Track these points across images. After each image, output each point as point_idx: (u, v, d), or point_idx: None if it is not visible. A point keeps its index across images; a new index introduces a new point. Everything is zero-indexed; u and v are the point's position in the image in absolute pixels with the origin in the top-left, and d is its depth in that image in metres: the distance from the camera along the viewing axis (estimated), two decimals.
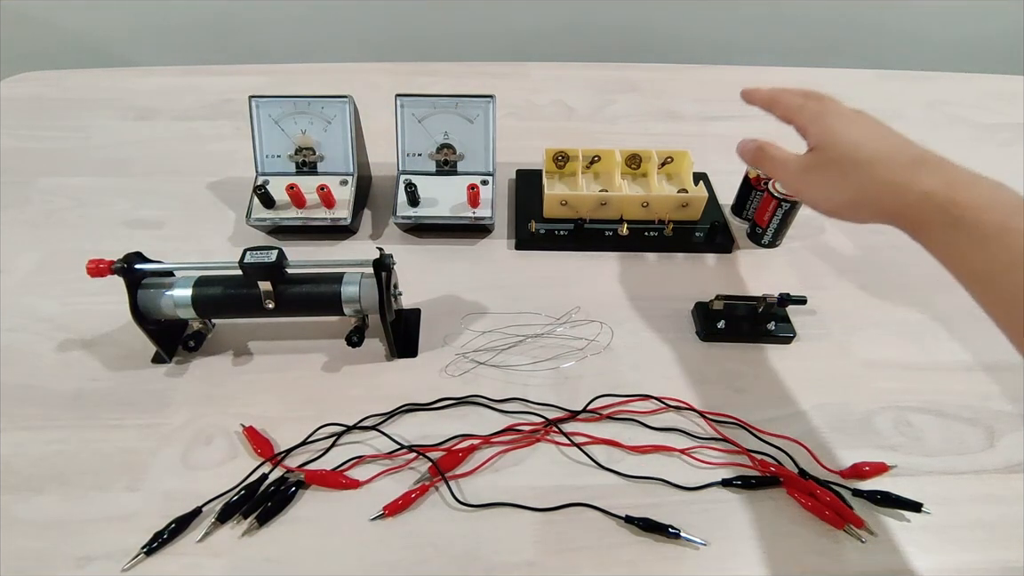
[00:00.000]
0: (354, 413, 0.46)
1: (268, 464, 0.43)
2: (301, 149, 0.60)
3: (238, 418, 0.45)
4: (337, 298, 0.47)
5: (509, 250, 0.61)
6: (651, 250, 0.61)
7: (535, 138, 0.72)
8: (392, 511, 0.40)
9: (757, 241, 0.62)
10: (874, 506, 0.42)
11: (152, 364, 0.49)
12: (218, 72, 0.86)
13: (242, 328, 0.52)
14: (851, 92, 0.85)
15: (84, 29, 0.98)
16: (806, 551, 0.40)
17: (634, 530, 0.40)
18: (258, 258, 0.44)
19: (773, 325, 0.52)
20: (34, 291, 0.55)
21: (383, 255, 0.45)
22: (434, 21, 0.99)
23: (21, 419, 0.45)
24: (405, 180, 0.59)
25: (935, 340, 0.53)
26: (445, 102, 0.59)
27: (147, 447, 0.44)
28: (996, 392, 0.49)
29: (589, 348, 0.52)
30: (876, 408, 0.48)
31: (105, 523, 0.40)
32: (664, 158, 0.65)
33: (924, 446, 0.46)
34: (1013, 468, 0.44)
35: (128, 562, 0.38)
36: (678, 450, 0.45)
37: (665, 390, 0.48)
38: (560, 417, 0.46)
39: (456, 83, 0.84)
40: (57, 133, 0.75)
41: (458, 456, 0.43)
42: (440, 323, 0.53)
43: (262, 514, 0.40)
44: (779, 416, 0.47)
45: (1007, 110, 0.84)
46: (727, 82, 0.89)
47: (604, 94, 0.84)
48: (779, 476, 0.43)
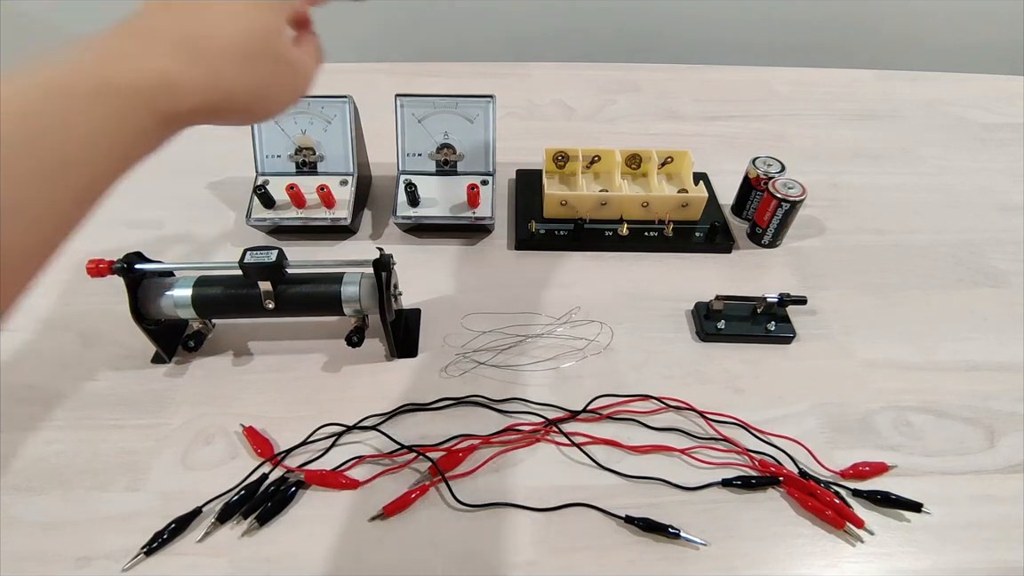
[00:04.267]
0: (354, 413, 0.46)
1: (268, 464, 0.43)
2: (301, 149, 0.60)
3: (238, 418, 0.45)
4: (337, 298, 0.47)
5: (509, 250, 0.61)
6: (651, 250, 0.61)
7: (535, 138, 0.72)
8: (392, 511, 0.40)
9: (757, 241, 0.62)
10: (874, 506, 0.42)
11: (152, 364, 0.49)
12: None
13: (242, 328, 0.52)
14: (851, 92, 0.86)
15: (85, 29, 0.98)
16: (806, 551, 0.40)
17: (634, 530, 0.40)
18: (258, 258, 0.44)
19: (773, 325, 0.52)
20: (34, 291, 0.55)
21: (383, 255, 0.45)
22: (434, 21, 0.99)
23: (21, 419, 0.45)
24: (405, 180, 0.59)
25: (935, 340, 0.53)
26: (445, 102, 0.59)
27: (147, 447, 0.44)
28: (996, 392, 0.49)
29: (589, 348, 0.52)
30: (876, 408, 0.48)
31: (105, 523, 0.40)
32: (664, 158, 0.65)
33: (924, 446, 0.46)
34: (1013, 468, 0.44)
35: (128, 562, 0.38)
36: (678, 450, 0.45)
37: (665, 390, 0.48)
38: (560, 417, 0.46)
39: (456, 83, 0.83)
40: None
41: (458, 456, 0.43)
42: (440, 323, 0.53)
43: (262, 514, 0.40)
44: (779, 416, 0.47)
45: (1007, 110, 0.84)
46: (727, 82, 0.89)
47: (604, 94, 0.84)
48: (779, 476, 0.43)
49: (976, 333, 0.54)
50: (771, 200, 0.57)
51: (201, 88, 0.25)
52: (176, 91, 0.24)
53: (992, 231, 0.64)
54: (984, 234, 0.64)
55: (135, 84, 0.23)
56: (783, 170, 0.60)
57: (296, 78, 0.29)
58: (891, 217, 0.65)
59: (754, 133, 0.77)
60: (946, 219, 0.66)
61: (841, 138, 0.77)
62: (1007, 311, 0.56)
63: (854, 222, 0.65)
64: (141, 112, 0.23)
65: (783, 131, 0.78)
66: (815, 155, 0.74)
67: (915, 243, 0.63)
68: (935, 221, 0.65)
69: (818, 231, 0.64)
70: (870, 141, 0.77)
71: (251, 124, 0.27)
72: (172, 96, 0.24)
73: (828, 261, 0.60)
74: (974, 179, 0.72)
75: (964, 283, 0.59)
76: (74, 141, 0.21)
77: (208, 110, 0.26)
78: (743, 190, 0.63)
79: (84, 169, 0.22)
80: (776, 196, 0.57)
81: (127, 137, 0.23)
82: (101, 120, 0.22)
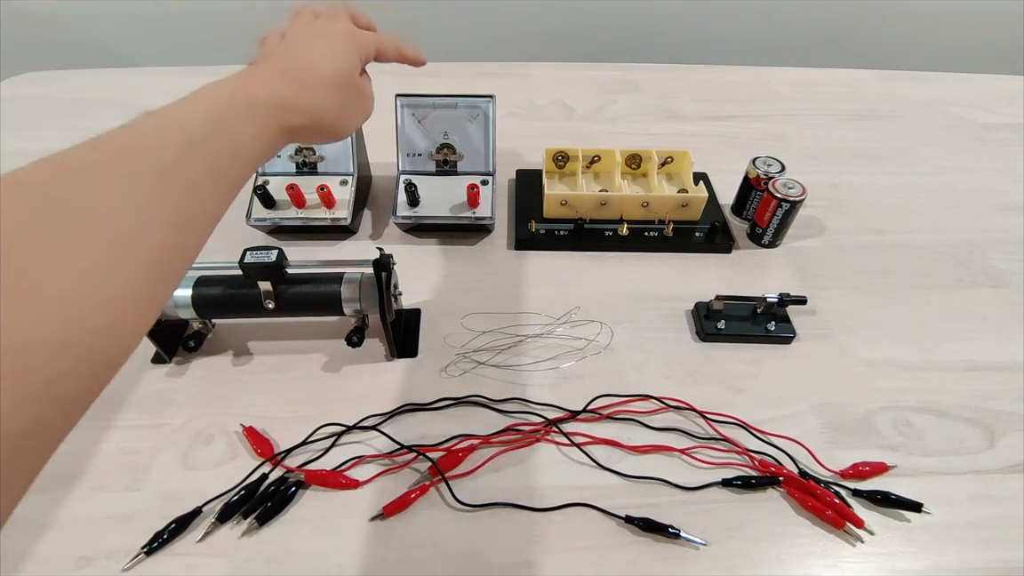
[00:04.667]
0: (354, 413, 0.46)
1: (268, 464, 0.43)
2: (301, 149, 0.60)
3: (238, 418, 0.45)
4: (337, 298, 0.47)
5: (509, 250, 0.61)
6: (651, 250, 0.61)
7: (535, 138, 0.72)
8: (392, 511, 0.40)
9: (757, 241, 0.62)
10: (874, 506, 0.42)
11: (152, 364, 0.49)
12: (218, 72, 0.85)
13: (242, 328, 0.52)
14: (851, 92, 0.86)
15: (84, 29, 0.98)
16: (806, 551, 0.40)
17: (634, 530, 0.40)
18: (258, 258, 0.44)
19: (773, 325, 0.52)
20: None
21: (383, 255, 0.45)
22: (434, 21, 0.99)
23: None
24: (405, 180, 0.59)
25: (935, 340, 0.53)
26: (445, 102, 0.59)
27: (147, 447, 0.44)
28: (996, 392, 0.49)
29: (589, 348, 0.52)
30: (876, 408, 0.48)
31: (105, 523, 0.40)
32: (664, 158, 0.65)
33: (924, 446, 0.46)
34: (1013, 468, 0.44)
35: (128, 562, 0.38)
36: (678, 450, 0.45)
37: (665, 390, 0.48)
38: (560, 417, 0.46)
39: (456, 83, 0.83)
40: (57, 133, 0.75)
41: (458, 456, 0.43)
42: (440, 323, 0.53)
43: (262, 514, 0.40)
44: (779, 416, 0.47)
45: (1007, 110, 0.84)
46: (727, 82, 0.89)
47: (604, 94, 0.84)
48: (779, 476, 0.43)
49: (976, 333, 0.54)
50: (771, 200, 0.57)
51: (306, 108, 0.33)
52: (290, 109, 0.32)
53: (992, 231, 0.64)
54: (984, 234, 0.64)
55: (267, 102, 0.31)
56: (783, 170, 0.60)
57: (365, 102, 0.39)
58: (891, 217, 0.65)
59: (754, 133, 0.77)
60: (946, 219, 0.66)
61: (841, 138, 0.77)
62: (1007, 311, 0.56)
63: (854, 222, 0.65)
64: (271, 124, 0.31)
65: (783, 131, 0.78)
66: (815, 155, 0.74)
67: (915, 243, 0.63)
68: (935, 221, 0.65)
69: (818, 231, 0.64)
70: (870, 141, 0.77)
71: (333, 141, 0.38)
72: (288, 113, 0.32)
73: (828, 261, 0.60)
74: (974, 179, 0.71)
75: (964, 283, 0.59)
76: (238, 138, 0.29)
77: (308, 127, 0.34)
78: (743, 190, 0.63)
79: (240, 159, 0.29)
80: (776, 196, 0.57)
81: (263, 138, 0.30)
82: (251, 127, 0.30)
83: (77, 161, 0.22)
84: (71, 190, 0.21)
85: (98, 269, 0.20)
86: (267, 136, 0.31)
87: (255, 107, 0.30)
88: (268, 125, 0.31)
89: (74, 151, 0.22)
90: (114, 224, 0.21)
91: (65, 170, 0.22)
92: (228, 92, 0.29)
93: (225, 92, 0.29)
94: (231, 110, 0.29)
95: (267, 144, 0.31)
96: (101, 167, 0.22)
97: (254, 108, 0.30)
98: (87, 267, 0.20)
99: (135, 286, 0.22)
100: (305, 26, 0.37)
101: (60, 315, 0.19)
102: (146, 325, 0.24)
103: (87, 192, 0.21)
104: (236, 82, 0.30)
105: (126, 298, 0.22)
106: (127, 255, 0.22)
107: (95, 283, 0.20)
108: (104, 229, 0.21)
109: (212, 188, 0.27)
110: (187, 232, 0.25)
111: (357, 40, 0.37)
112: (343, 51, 0.36)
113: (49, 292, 0.19)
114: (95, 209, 0.21)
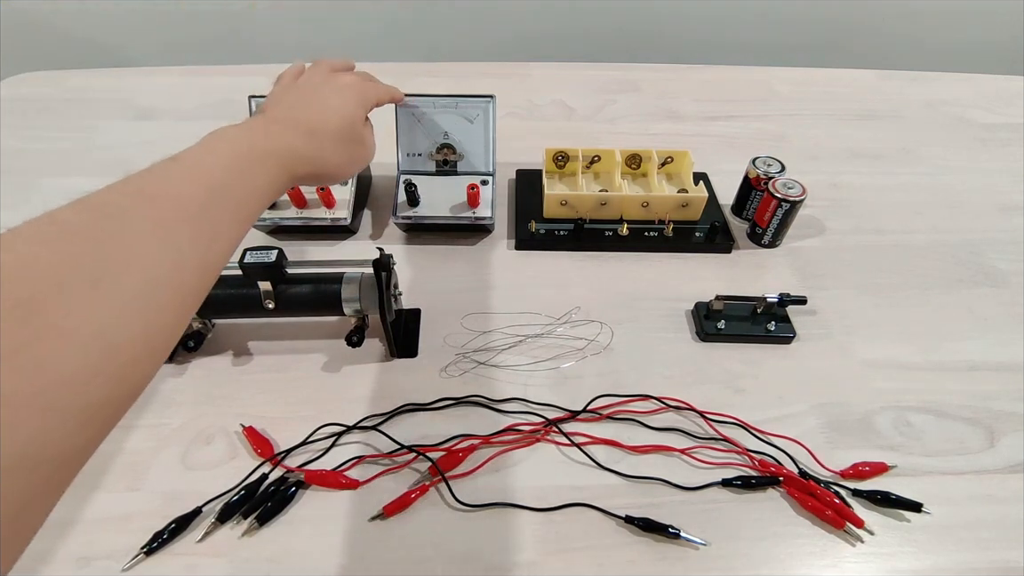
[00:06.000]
0: (354, 413, 0.46)
1: (268, 464, 0.43)
2: None
3: (238, 418, 0.45)
4: (337, 298, 0.47)
5: (509, 250, 0.61)
6: (651, 250, 0.61)
7: (535, 138, 0.72)
8: (392, 511, 0.40)
9: (757, 241, 0.62)
10: (874, 506, 0.42)
11: None
12: (218, 72, 0.85)
13: (242, 328, 0.52)
14: (851, 92, 0.86)
15: (85, 29, 0.98)
16: (806, 551, 0.40)
17: (634, 530, 0.40)
18: (258, 258, 0.44)
19: (773, 325, 0.52)
20: None
21: (383, 255, 0.45)
22: (434, 21, 0.99)
23: None
24: (405, 180, 0.59)
25: (935, 340, 0.53)
26: (445, 102, 0.59)
27: (147, 447, 0.44)
28: (996, 392, 0.49)
29: (589, 348, 0.52)
30: (876, 408, 0.48)
31: (105, 523, 0.40)
32: (664, 158, 0.65)
33: (924, 446, 0.46)
34: (1013, 468, 0.44)
35: (128, 562, 0.38)
36: (678, 450, 0.45)
37: (665, 390, 0.48)
38: (560, 417, 0.46)
39: (456, 83, 0.83)
40: (58, 133, 0.75)
41: (458, 456, 0.43)
42: (440, 323, 0.53)
43: (262, 514, 0.40)
44: (779, 416, 0.47)
45: (1007, 110, 0.84)
46: (727, 82, 0.89)
47: (604, 94, 0.84)
48: (779, 476, 0.43)
49: (976, 333, 0.54)
50: (771, 200, 0.57)
51: (314, 158, 0.38)
52: (299, 159, 0.36)
53: (992, 231, 0.64)
54: (984, 234, 0.64)
55: (279, 152, 0.35)
56: (783, 170, 0.60)
57: (365, 152, 0.44)
58: (891, 217, 0.65)
59: (754, 133, 0.77)
60: (946, 219, 0.66)
61: (841, 138, 0.77)
62: (1007, 311, 0.56)
63: (854, 222, 0.65)
64: (283, 172, 0.35)
65: (783, 131, 0.78)
66: (815, 155, 0.74)
67: (915, 243, 0.63)
68: (935, 221, 0.65)
69: (818, 231, 0.64)
70: (870, 141, 0.77)
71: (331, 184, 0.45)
72: (297, 162, 0.36)
73: (828, 261, 0.60)
74: (974, 179, 0.71)
75: (964, 283, 0.59)
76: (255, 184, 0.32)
77: (313, 174, 0.38)
78: (743, 190, 0.63)
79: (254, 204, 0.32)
80: (776, 196, 0.57)
81: (274, 186, 0.34)
82: (266, 175, 0.33)
83: (115, 207, 0.24)
84: (113, 236, 0.23)
85: (135, 307, 0.22)
86: (279, 183, 0.35)
87: (269, 158, 0.34)
88: (280, 173, 0.35)
89: (110, 196, 0.25)
90: (152, 268, 0.24)
91: (106, 216, 0.24)
92: (247, 145, 0.33)
93: (245, 145, 0.33)
94: (249, 161, 0.32)
95: (278, 189, 0.35)
96: (140, 215, 0.25)
97: (268, 159, 0.34)
98: (126, 305, 0.22)
99: (164, 321, 0.24)
100: (320, 78, 0.43)
101: (100, 348, 0.21)
102: (167, 353, 0.26)
103: (127, 237, 0.24)
104: (254, 134, 0.34)
105: (156, 332, 0.24)
106: (160, 294, 0.24)
107: (132, 319, 0.22)
108: (143, 272, 0.23)
109: (230, 231, 0.30)
110: (208, 271, 0.28)
111: (363, 94, 0.44)
112: (350, 103, 0.42)
113: (91, 329, 0.20)
114: (135, 253, 0.23)
